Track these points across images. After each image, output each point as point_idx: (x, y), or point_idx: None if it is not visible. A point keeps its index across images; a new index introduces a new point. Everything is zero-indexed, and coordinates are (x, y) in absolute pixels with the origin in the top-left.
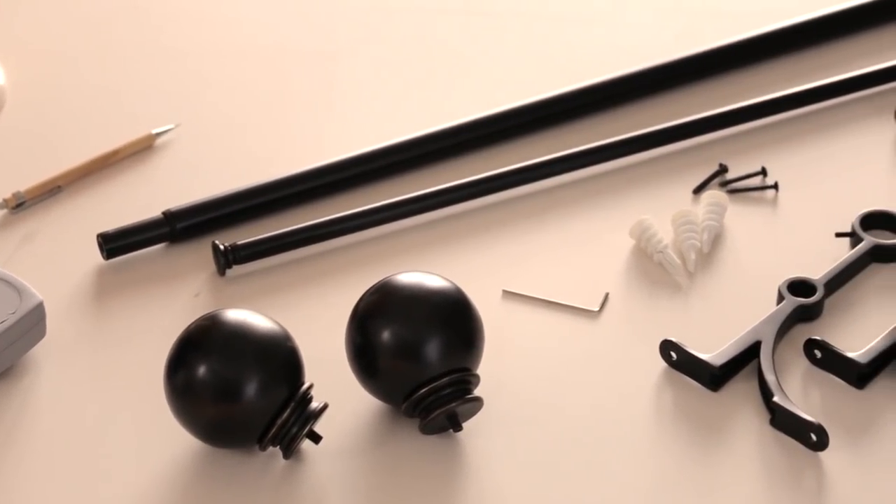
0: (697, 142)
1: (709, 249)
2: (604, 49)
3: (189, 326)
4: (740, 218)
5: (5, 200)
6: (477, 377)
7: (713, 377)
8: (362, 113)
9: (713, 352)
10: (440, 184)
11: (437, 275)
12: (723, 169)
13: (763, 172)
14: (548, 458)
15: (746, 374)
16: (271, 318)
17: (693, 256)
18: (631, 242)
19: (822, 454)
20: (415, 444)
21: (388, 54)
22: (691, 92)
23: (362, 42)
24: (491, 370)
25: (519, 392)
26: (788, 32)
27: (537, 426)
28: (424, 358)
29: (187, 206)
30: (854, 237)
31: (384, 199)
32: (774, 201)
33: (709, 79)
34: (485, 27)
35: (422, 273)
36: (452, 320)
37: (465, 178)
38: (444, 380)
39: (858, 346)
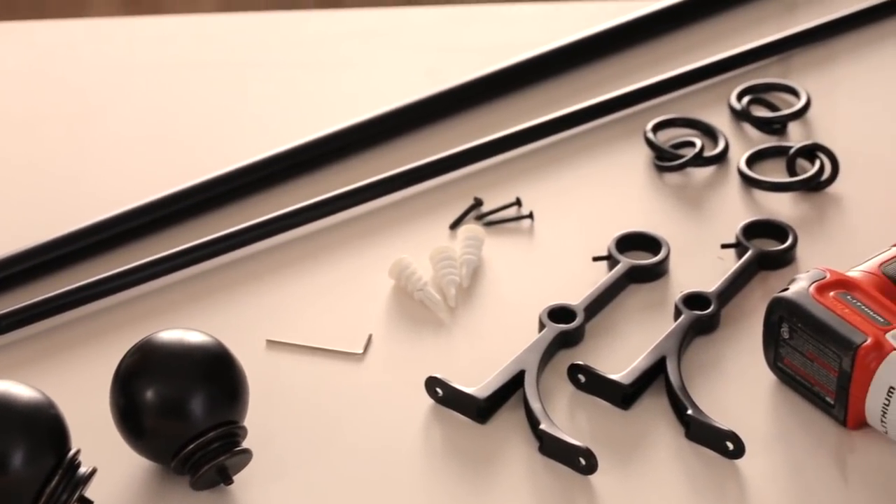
0: (452, 177)
1: (469, 283)
2: (356, 92)
3: None
4: (498, 250)
5: None
6: (244, 429)
7: (479, 410)
8: (115, 173)
9: (479, 385)
10: (198, 238)
11: (198, 330)
12: (478, 203)
13: (518, 203)
14: (322, 502)
15: (513, 403)
16: (33, 387)
17: (453, 292)
18: (391, 282)
19: (591, 477)
20: (187, 502)
21: (137, 112)
22: (443, 128)
23: (110, 102)
24: (259, 421)
25: (289, 440)
26: (535, 63)
27: (309, 472)
28: (189, 414)
29: None
30: (611, 260)
31: (142, 259)
32: (531, 230)
33: (460, 114)
34: (237, 78)
35: (182, 330)
36: (214, 374)
37: (222, 230)
38: (211, 434)
39: (621, 367)
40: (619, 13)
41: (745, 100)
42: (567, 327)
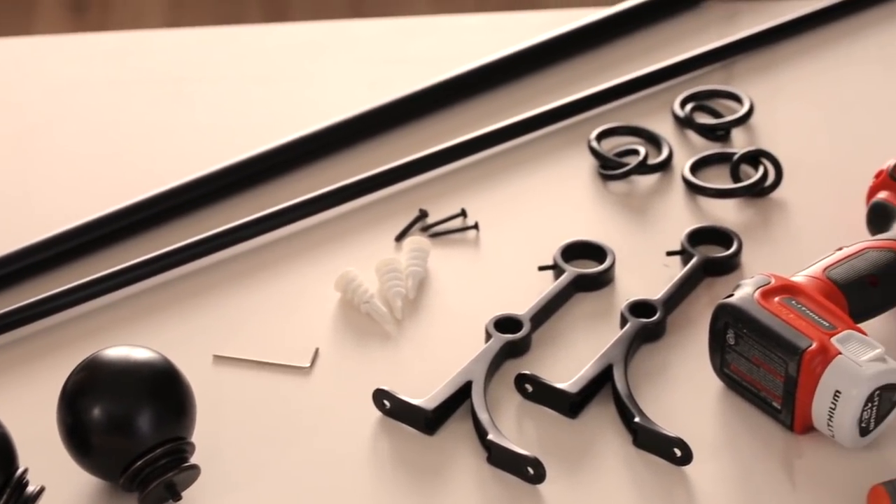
0: (397, 189)
1: (415, 295)
2: (301, 105)
3: None
4: (444, 261)
5: None
6: (192, 445)
7: (427, 421)
8: (61, 190)
9: (426, 396)
10: (143, 255)
11: (145, 347)
12: (423, 214)
13: (463, 214)
14: None
15: (461, 414)
16: None
17: (399, 303)
18: (337, 295)
19: (540, 486)
20: None
21: (83, 128)
22: (388, 140)
23: (56, 119)
24: (207, 436)
25: (237, 455)
26: (479, 74)
27: (258, 487)
28: (136, 431)
29: None
30: (556, 269)
31: (88, 276)
32: (476, 241)
33: (404, 126)
34: (183, 93)
35: (128, 347)
36: (161, 391)
37: (167, 246)
38: (159, 451)
39: (568, 376)
40: (562, 23)
41: (689, 107)
42: (513, 337)
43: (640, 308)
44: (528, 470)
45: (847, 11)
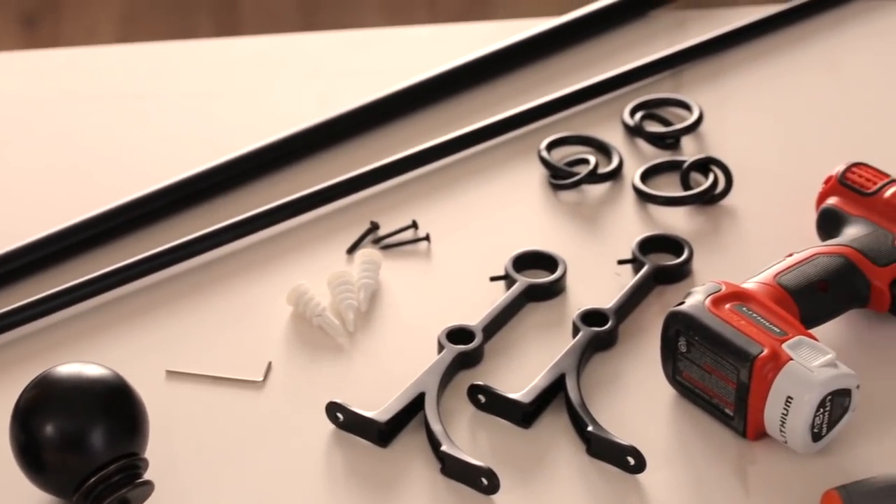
0: (348, 202)
1: (367, 307)
2: (252, 119)
3: None
4: (396, 273)
5: None
6: (145, 461)
7: (381, 433)
8: (12, 206)
9: (379, 408)
10: (94, 271)
11: (97, 363)
12: (374, 226)
13: (414, 225)
14: None
15: (414, 426)
16: None
17: (352, 316)
18: (290, 309)
19: (494, 497)
20: None
21: (34, 145)
22: (338, 153)
23: (8, 136)
24: (161, 452)
25: (192, 470)
26: (428, 85)
27: (212, 501)
28: (89, 447)
29: None
30: (508, 279)
31: (39, 293)
32: (428, 253)
33: (354, 138)
34: (133, 109)
35: (80, 363)
36: (114, 407)
37: (119, 262)
38: (112, 467)
39: (521, 386)
40: (512, 33)
41: (638, 115)
42: (466, 348)
43: (591, 317)
44: (481, 481)
45: (794, 19)
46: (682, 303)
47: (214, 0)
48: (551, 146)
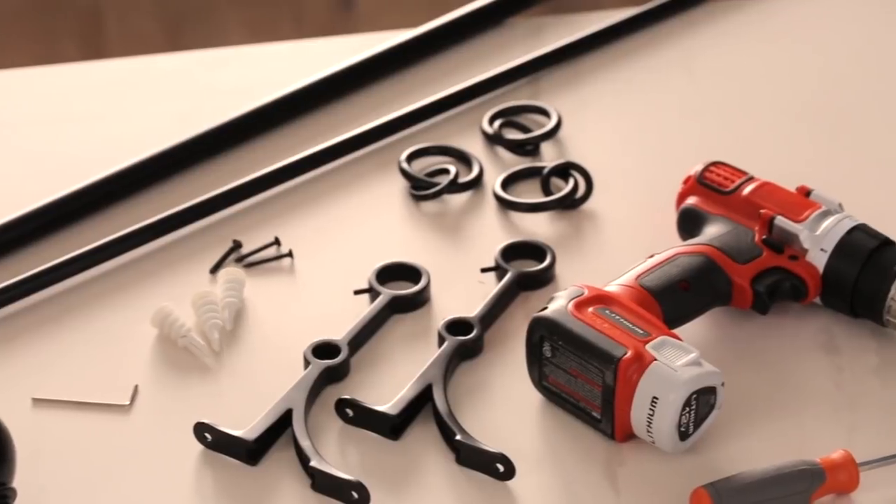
0: (210, 221)
1: (232, 326)
2: (115, 142)
3: None
4: (260, 290)
5: None
6: (13, 490)
7: (249, 452)
8: None
9: (248, 426)
10: None
11: None
12: (237, 245)
13: (276, 242)
14: None
15: (283, 443)
16: None
17: (217, 336)
18: (154, 331)
19: None
20: None
21: None
22: (199, 173)
23: None
24: (28, 480)
25: (60, 498)
26: (286, 102)
27: None
28: None
29: None
30: (372, 292)
31: None
32: (292, 269)
33: (214, 158)
34: None
35: None
36: None
37: None
38: None
39: (388, 398)
40: (367, 46)
41: (497, 123)
42: (332, 362)
43: (456, 326)
44: (352, 494)
45: (649, 21)
46: (545, 308)
47: (79, 25)
48: (411, 157)
